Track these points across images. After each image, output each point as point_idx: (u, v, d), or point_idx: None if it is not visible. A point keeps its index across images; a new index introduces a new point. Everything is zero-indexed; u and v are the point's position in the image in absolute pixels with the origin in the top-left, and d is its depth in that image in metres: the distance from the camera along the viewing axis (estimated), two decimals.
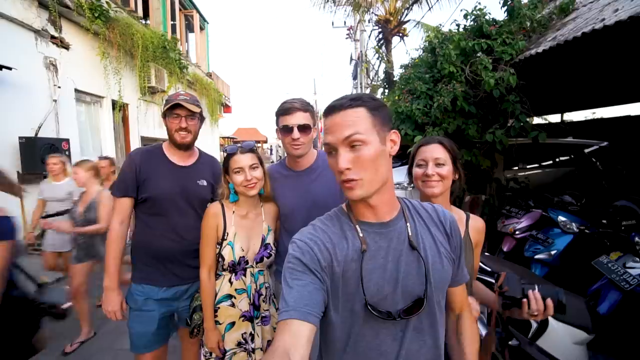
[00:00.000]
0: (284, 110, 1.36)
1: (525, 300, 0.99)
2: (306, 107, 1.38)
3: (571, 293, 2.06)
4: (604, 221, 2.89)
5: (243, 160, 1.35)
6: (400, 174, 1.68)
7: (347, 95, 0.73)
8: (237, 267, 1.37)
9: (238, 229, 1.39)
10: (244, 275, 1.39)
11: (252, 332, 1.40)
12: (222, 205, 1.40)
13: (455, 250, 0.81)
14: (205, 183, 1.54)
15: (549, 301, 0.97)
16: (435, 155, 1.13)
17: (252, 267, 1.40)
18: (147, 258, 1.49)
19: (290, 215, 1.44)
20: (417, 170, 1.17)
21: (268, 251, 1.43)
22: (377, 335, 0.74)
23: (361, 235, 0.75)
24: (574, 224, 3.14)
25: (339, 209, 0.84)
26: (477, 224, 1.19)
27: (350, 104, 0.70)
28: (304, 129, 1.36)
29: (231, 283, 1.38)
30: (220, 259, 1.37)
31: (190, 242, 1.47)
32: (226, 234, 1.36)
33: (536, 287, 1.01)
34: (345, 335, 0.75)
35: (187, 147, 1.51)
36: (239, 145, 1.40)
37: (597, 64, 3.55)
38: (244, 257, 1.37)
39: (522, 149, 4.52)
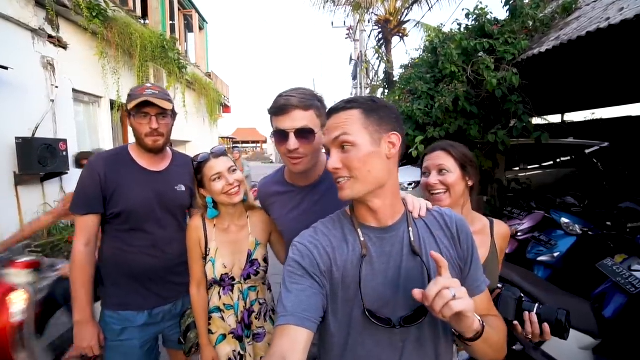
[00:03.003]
0: (278, 108, 0.98)
1: (516, 323, 0.92)
2: (309, 103, 0.98)
3: (576, 296, 2.02)
4: (609, 223, 2.86)
5: (219, 164, 1.21)
6: (401, 174, 1.63)
7: (346, 98, 0.73)
8: (223, 283, 1.27)
9: (220, 244, 1.26)
10: (231, 291, 1.28)
11: (241, 352, 1.29)
12: (203, 219, 1.28)
13: (464, 257, 0.76)
14: (183, 188, 1.37)
15: (546, 327, 0.89)
16: (438, 163, 1.08)
17: (241, 283, 1.28)
18: (123, 279, 1.30)
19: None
20: (423, 180, 1.12)
21: (255, 268, 1.27)
22: (376, 344, 0.72)
23: (362, 239, 0.74)
24: (577, 225, 3.11)
25: (341, 212, 0.82)
26: (501, 229, 1.14)
27: (344, 107, 0.71)
28: (303, 134, 0.96)
29: (220, 297, 1.29)
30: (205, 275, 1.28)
31: (172, 256, 1.32)
32: (208, 250, 1.25)
33: (535, 307, 0.93)
34: (343, 340, 0.73)
35: (159, 150, 1.33)
36: (209, 152, 1.25)
37: (600, 64, 3.53)
38: (227, 274, 1.25)
39: (522, 149, 4.49)
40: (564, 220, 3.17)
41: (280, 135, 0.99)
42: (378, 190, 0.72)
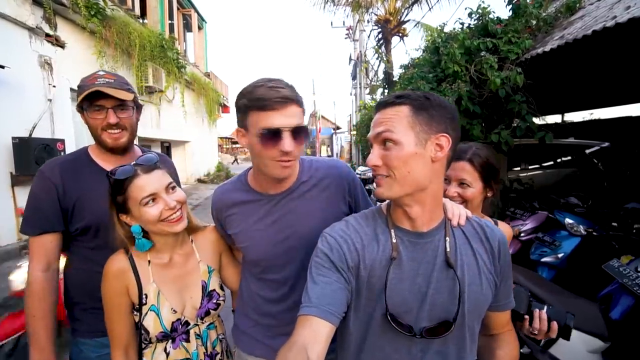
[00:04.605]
0: (269, 100, 0.79)
1: (527, 317, 0.94)
2: (300, 98, 0.85)
3: (584, 298, 2.00)
4: (614, 224, 2.84)
5: (152, 181, 0.89)
6: None
7: (398, 92, 0.70)
8: (175, 334, 0.97)
9: (162, 284, 0.95)
10: (186, 340, 0.98)
11: None
12: (130, 255, 0.95)
13: (501, 274, 0.75)
14: None
15: (554, 324, 0.92)
16: (461, 176, 1.04)
17: (198, 325, 1.01)
18: (96, 302, 1.07)
19: (262, 261, 0.98)
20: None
21: (214, 301, 1.02)
22: (394, 350, 0.70)
23: (394, 241, 0.71)
24: (581, 226, 3.08)
25: (377, 208, 0.80)
26: (505, 230, 1.14)
27: (393, 102, 0.68)
28: (299, 133, 0.83)
29: (167, 354, 0.96)
30: (143, 331, 0.94)
31: None
32: (144, 297, 0.93)
33: (545, 307, 0.95)
34: (360, 340, 0.73)
35: (124, 149, 1.11)
36: (134, 162, 0.92)
37: (605, 63, 3.51)
38: (179, 319, 0.96)
39: (523, 149, 4.48)
40: (568, 220, 3.14)
41: (274, 136, 0.80)
42: (417, 193, 0.68)
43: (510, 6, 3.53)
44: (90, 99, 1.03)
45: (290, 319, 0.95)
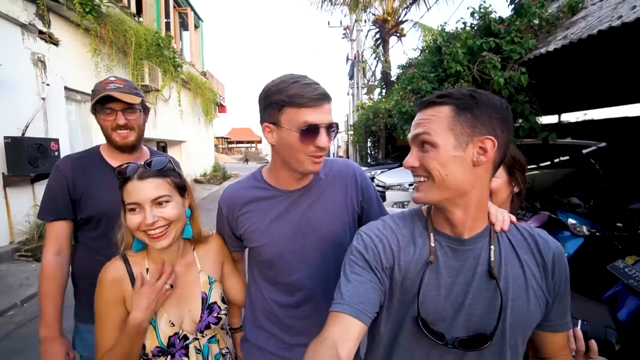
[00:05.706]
0: (313, 98, 0.80)
1: None
2: (330, 96, 0.86)
3: (592, 300, 1.97)
4: (619, 224, 2.83)
5: (141, 190, 0.84)
6: (401, 175, 1.52)
7: (441, 91, 0.66)
8: (172, 349, 0.92)
9: None
10: (186, 355, 0.94)
11: None
12: (127, 261, 0.91)
13: (555, 291, 0.68)
14: None
15: (593, 343, 0.82)
16: None
17: (197, 339, 0.95)
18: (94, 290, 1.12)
19: (278, 260, 0.94)
20: None
21: (215, 314, 0.96)
22: (426, 356, 0.68)
23: (432, 245, 0.68)
24: (584, 226, 3.07)
25: (417, 210, 0.76)
26: None
27: (434, 101, 0.64)
28: (332, 130, 0.85)
29: None
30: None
31: None
32: None
33: (580, 323, 0.87)
34: (390, 342, 0.71)
35: (131, 148, 1.19)
36: (141, 163, 0.88)
37: (606, 63, 3.51)
38: (177, 333, 0.91)
39: (524, 149, 4.46)
40: (571, 221, 3.13)
41: (313, 132, 0.81)
42: (458, 198, 0.64)
43: (513, 5, 3.52)
44: (102, 102, 1.13)
45: (308, 329, 0.93)
